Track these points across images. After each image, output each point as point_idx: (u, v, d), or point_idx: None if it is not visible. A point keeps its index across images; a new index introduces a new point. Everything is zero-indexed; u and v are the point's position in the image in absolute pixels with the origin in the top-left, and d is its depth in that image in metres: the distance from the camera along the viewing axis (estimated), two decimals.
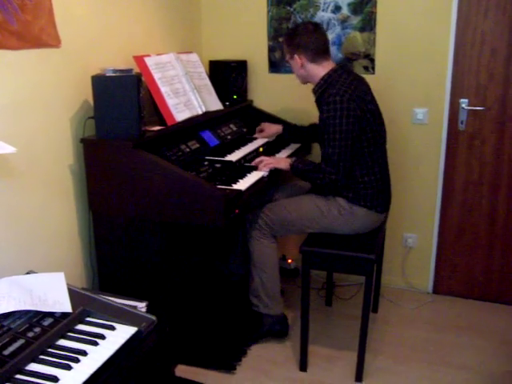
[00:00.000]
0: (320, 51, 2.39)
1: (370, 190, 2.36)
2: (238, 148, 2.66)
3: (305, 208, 2.44)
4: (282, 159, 2.52)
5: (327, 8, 2.95)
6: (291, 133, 2.94)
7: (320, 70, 2.39)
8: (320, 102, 2.40)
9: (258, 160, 2.49)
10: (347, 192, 2.36)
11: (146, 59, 2.37)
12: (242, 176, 2.35)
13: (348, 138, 2.24)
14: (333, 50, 2.88)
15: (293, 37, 2.41)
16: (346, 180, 2.30)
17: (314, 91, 2.45)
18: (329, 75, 2.37)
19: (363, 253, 2.29)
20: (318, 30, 2.41)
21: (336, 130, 2.23)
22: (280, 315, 2.60)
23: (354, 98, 2.24)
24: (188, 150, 2.37)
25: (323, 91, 2.37)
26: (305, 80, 2.50)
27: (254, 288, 2.55)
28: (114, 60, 2.38)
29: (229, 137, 2.75)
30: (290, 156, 2.77)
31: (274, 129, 2.94)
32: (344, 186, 2.32)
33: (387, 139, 2.53)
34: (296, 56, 2.40)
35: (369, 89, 2.44)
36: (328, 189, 2.36)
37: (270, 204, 2.53)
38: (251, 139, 2.86)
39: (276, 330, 2.61)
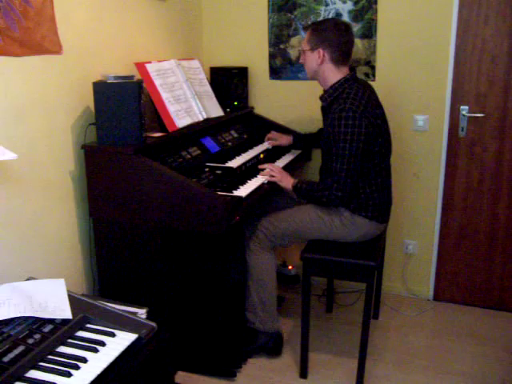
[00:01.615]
0: (345, 55, 2.31)
1: (371, 200, 2.35)
2: (238, 154, 2.66)
3: (306, 219, 2.42)
4: (287, 178, 2.44)
5: (328, 15, 2.96)
6: (301, 142, 2.93)
7: (335, 73, 2.31)
8: (328, 111, 2.35)
9: (266, 166, 2.50)
10: (349, 202, 2.35)
11: (148, 66, 2.38)
12: (243, 182, 2.35)
13: (358, 154, 2.20)
14: None
15: (323, 30, 2.29)
16: (350, 196, 2.28)
17: (323, 99, 2.39)
18: (340, 84, 2.30)
19: (364, 260, 2.28)
20: (349, 32, 2.32)
21: (346, 147, 2.18)
22: (276, 332, 2.56)
23: (365, 115, 2.18)
24: (189, 156, 2.38)
25: (332, 101, 2.31)
26: (314, 76, 2.39)
27: (251, 304, 2.52)
28: (115, 66, 2.39)
29: (230, 143, 2.75)
30: (290, 162, 2.78)
31: (285, 140, 2.92)
32: (348, 201, 2.31)
33: None
34: (320, 50, 2.28)
35: (377, 100, 2.39)
36: (332, 205, 2.34)
37: (269, 216, 2.51)
38: (252, 145, 2.86)
39: (270, 348, 2.56)
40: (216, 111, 2.74)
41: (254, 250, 2.48)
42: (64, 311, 1.52)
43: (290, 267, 3.33)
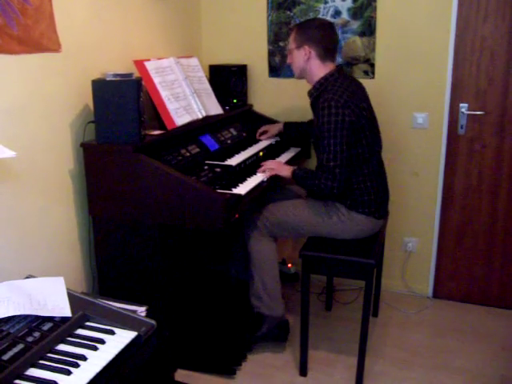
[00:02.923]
0: (330, 50, 2.37)
1: (366, 196, 2.35)
2: (237, 152, 2.66)
3: (304, 212, 2.43)
4: (284, 167, 2.49)
5: (327, 13, 2.96)
6: (292, 130, 2.95)
7: (321, 69, 2.36)
8: (315, 106, 2.39)
9: (263, 167, 2.50)
10: (345, 199, 2.36)
11: (146, 64, 2.38)
12: (242, 180, 2.35)
13: (343, 143, 2.22)
14: None
15: (307, 28, 2.36)
16: (344, 187, 2.28)
17: (310, 94, 2.44)
18: (325, 78, 2.35)
19: (363, 257, 2.28)
20: (333, 29, 2.40)
21: (331, 135, 2.21)
22: (281, 318, 2.59)
23: (348, 104, 2.22)
24: (188, 154, 2.38)
25: (318, 95, 2.35)
26: (302, 74, 2.44)
27: (255, 289, 2.53)
28: (114, 64, 2.38)
29: (229, 141, 2.75)
30: (290, 160, 2.78)
31: (275, 128, 2.96)
32: (341, 193, 2.31)
33: (387, 144, 2.53)
34: (306, 47, 2.34)
35: (365, 94, 2.42)
36: (324, 195, 2.35)
37: (269, 205, 2.52)
38: (251, 143, 2.86)
39: (276, 334, 2.60)
40: (215, 109, 2.73)
41: (253, 237, 2.49)
42: (63, 309, 1.52)
43: (289, 265, 3.33)
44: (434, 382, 2.41)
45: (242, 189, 2.24)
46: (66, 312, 1.52)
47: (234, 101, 2.99)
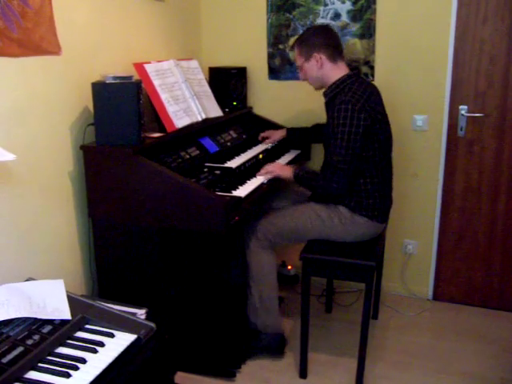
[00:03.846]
0: (337, 48, 2.37)
1: (371, 199, 2.35)
2: (237, 155, 2.67)
3: (305, 217, 2.42)
4: (285, 168, 2.49)
5: (327, 15, 2.96)
6: (296, 136, 2.94)
7: (336, 71, 2.36)
8: (330, 106, 2.38)
9: (263, 170, 2.49)
10: (349, 201, 2.36)
11: (146, 66, 2.38)
12: (242, 183, 2.35)
13: (355, 147, 2.21)
14: None
15: (307, 38, 2.37)
16: (347, 190, 2.28)
17: (325, 94, 2.42)
18: (342, 80, 2.34)
19: (363, 260, 2.28)
20: (329, 30, 2.41)
21: (344, 139, 2.20)
22: (278, 333, 2.57)
23: (365, 108, 2.20)
24: (188, 156, 2.38)
25: (334, 95, 2.34)
26: (320, 83, 2.43)
27: (253, 305, 2.52)
28: (114, 67, 2.38)
29: (228, 143, 2.75)
30: (290, 162, 2.78)
31: (278, 134, 2.95)
32: (345, 194, 2.31)
33: None
34: (316, 54, 2.33)
35: (380, 98, 2.41)
36: (328, 197, 2.35)
37: (268, 215, 2.51)
38: (251, 146, 2.86)
39: (272, 348, 2.56)
40: (215, 111, 2.73)
41: (253, 249, 2.48)
42: (63, 312, 1.52)
43: (289, 267, 3.33)
44: None
45: (242, 191, 2.24)
46: (66, 315, 1.52)
47: (234, 103, 2.99)
